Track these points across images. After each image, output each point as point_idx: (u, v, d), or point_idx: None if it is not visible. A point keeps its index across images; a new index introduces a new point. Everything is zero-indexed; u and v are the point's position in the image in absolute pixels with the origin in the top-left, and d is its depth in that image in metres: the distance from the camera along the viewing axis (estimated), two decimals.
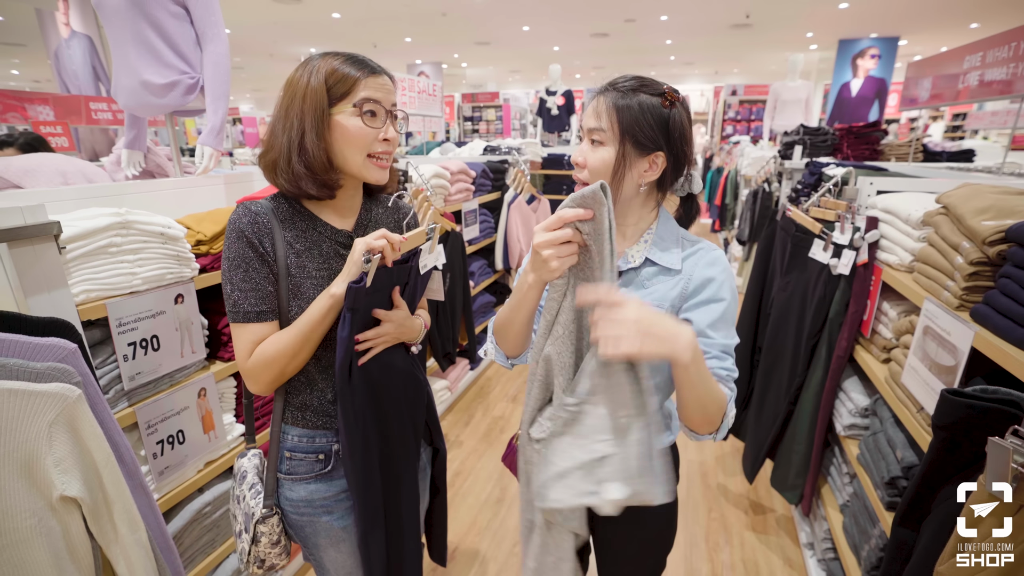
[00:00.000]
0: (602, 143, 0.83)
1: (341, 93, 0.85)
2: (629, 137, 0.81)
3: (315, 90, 0.84)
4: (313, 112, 0.84)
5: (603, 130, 0.82)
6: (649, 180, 0.85)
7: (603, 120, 0.82)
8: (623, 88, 0.83)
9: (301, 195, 0.89)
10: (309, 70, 0.85)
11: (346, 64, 0.85)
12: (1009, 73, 2.07)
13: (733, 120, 9.77)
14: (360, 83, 0.85)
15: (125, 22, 1.52)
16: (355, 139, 0.86)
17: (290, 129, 0.85)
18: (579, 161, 0.86)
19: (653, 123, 0.82)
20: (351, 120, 0.85)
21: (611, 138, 0.82)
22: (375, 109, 0.86)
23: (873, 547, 1.30)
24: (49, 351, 0.80)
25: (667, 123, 0.82)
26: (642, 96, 0.82)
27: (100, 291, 1.09)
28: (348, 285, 0.82)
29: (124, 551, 0.86)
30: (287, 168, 0.86)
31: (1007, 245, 0.97)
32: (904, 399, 1.22)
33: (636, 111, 0.81)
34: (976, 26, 7.79)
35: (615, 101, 0.82)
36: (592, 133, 0.84)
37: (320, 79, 0.84)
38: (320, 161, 0.86)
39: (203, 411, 1.34)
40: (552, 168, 4.80)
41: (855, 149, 2.84)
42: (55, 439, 0.77)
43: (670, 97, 0.82)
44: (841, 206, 1.64)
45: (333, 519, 0.97)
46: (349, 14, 7.25)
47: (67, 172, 1.66)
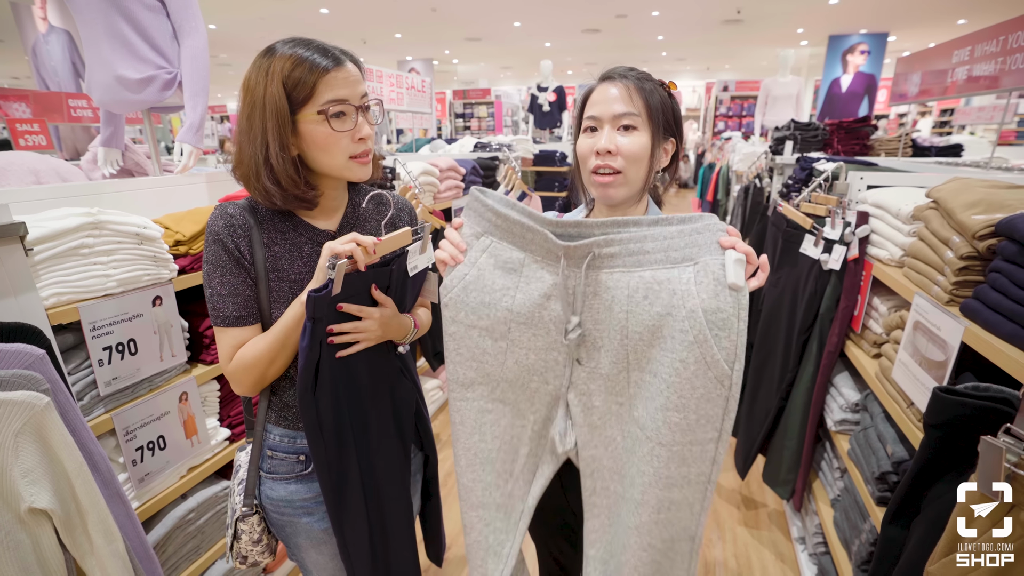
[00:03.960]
0: (635, 128, 0.82)
1: (302, 98, 0.79)
2: (658, 122, 0.82)
3: (274, 97, 0.77)
4: (275, 122, 0.78)
5: (636, 114, 0.81)
6: (663, 166, 0.87)
7: (636, 104, 0.81)
8: (637, 76, 0.83)
9: (280, 208, 0.86)
10: (265, 71, 0.78)
11: (303, 60, 0.78)
12: (996, 68, 2.07)
13: (725, 116, 9.81)
14: (320, 83, 0.79)
15: (97, 15, 1.48)
16: (329, 145, 0.82)
17: (255, 141, 0.80)
18: (611, 148, 0.81)
19: (671, 110, 0.84)
20: (318, 128, 0.80)
21: (644, 123, 0.81)
22: (343, 110, 0.81)
23: (864, 542, 1.30)
24: (14, 358, 0.77)
25: (675, 110, 0.85)
26: (653, 83, 0.83)
27: (72, 294, 1.05)
28: (308, 293, 0.78)
29: (100, 562, 0.84)
30: (258, 184, 0.82)
31: (997, 239, 0.96)
32: (894, 394, 1.22)
33: (658, 96, 0.82)
34: (963, 22, 7.86)
35: (640, 85, 0.82)
36: (624, 118, 0.81)
37: (278, 84, 0.77)
38: (288, 176, 0.81)
39: (185, 415, 1.31)
40: (543, 165, 4.77)
41: (845, 144, 2.84)
42: (22, 449, 0.74)
43: (670, 87, 0.84)
44: (832, 201, 1.63)
45: (313, 520, 0.96)
46: (338, 9, 7.17)
47: (39, 171, 1.61)
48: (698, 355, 0.67)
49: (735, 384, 0.68)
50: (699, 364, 0.67)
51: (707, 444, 0.71)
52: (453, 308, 0.78)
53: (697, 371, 0.68)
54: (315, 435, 0.85)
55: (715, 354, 0.67)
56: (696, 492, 0.73)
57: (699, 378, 0.68)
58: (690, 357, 0.68)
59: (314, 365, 0.82)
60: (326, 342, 0.83)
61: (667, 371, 0.69)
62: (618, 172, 0.83)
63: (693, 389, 0.68)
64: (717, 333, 0.67)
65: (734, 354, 0.67)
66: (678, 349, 0.68)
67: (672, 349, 0.69)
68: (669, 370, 0.69)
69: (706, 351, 0.67)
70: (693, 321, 0.67)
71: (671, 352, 0.69)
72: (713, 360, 0.67)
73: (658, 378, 0.71)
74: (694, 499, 0.73)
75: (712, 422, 0.70)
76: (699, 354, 0.67)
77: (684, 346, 0.68)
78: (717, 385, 0.68)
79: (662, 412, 0.70)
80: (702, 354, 0.67)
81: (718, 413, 0.70)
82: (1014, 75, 1.97)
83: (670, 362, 0.69)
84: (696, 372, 0.68)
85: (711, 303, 0.66)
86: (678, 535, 0.75)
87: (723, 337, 0.67)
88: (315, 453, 0.86)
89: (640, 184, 0.86)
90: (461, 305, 0.77)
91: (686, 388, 0.68)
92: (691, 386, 0.68)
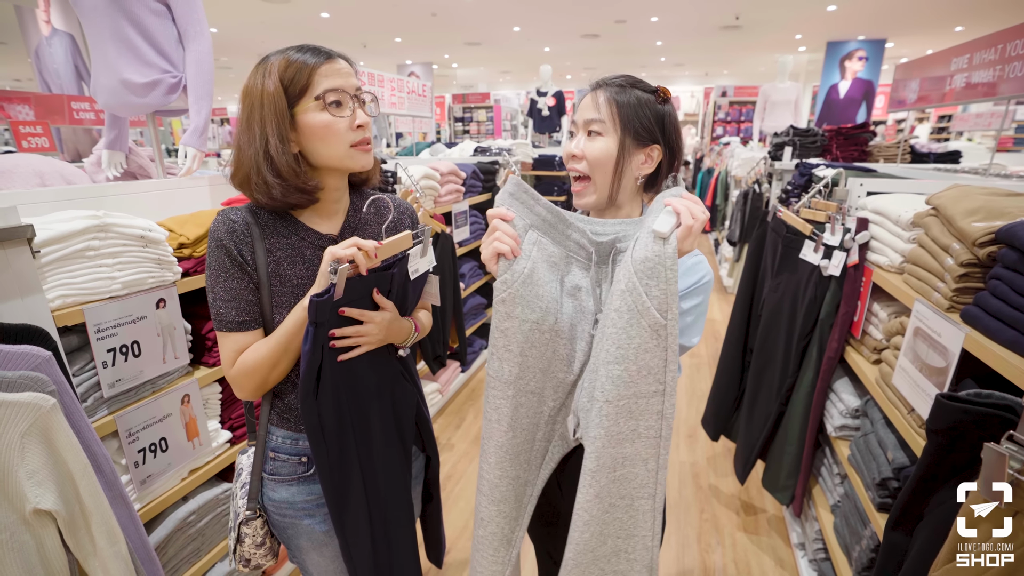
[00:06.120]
0: (600, 134, 0.84)
1: (299, 89, 0.81)
2: (629, 128, 0.83)
3: (271, 93, 0.80)
4: (274, 116, 0.80)
5: (602, 121, 0.84)
6: (646, 172, 0.87)
7: (602, 111, 0.84)
8: (618, 84, 0.85)
9: (281, 206, 0.86)
10: (262, 73, 0.81)
11: (297, 57, 0.81)
12: (995, 75, 2.09)
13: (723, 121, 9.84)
14: (316, 74, 0.81)
15: (104, 19, 1.48)
16: (329, 134, 0.83)
17: (254, 140, 0.81)
18: (576, 153, 0.86)
19: (650, 116, 0.84)
20: (318, 116, 0.82)
21: (611, 129, 0.84)
22: (339, 98, 0.82)
23: (864, 548, 1.30)
24: (21, 359, 0.78)
25: (663, 117, 0.85)
26: (638, 91, 0.85)
27: (77, 296, 1.06)
28: (311, 298, 0.78)
29: (103, 564, 0.84)
30: (259, 181, 0.82)
31: (997, 247, 0.97)
32: (895, 400, 1.22)
33: (634, 104, 0.84)
34: (961, 29, 7.91)
35: (614, 95, 0.84)
36: (590, 124, 0.85)
37: (275, 80, 0.80)
38: (289, 167, 0.82)
39: (187, 418, 1.31)
40: (543, 169, 4.79)
41: (844, 150, 2.86)
42: (28, 450, 0.74)
43: (663, 94, 0.85)
44: (831, 207, 1.64)
45: (315, 523, 0.96)
46: (338, 13, 7.20)
47: (44, 173, 1.61)
48: (630, 303, 0.70)
49: (671, 335, 0.70)
50: (632, 313, 0.70)
51: (652, 397, 0.73)
52: (510, 303, 0.78)
53: (631, 320, 0.70)
54: (317, 438, 0.85)
55: (645, 302, 0.69)
56: (648, 447, 0.75)
57: (633, 327, 0.70)
58: (623, 306, 0.70)
59: (316, 369, 0.82)
60: (328, 346, 0.83)
61: (608, 325, 0.72)
62: (587, 177, 0.86)
63: (629, 339, 0.70)
64: (646, 281, 0.69)
65: (666, 303, 0.69)
66: (614, 300, 0.71)
67: (611, 302, 0.72)
68: (608, 323, 0.72)
69: (636, 299, 0.69)
70: (625, 271, 0.71)
71: (610, 305, 0.72)
72: (644, 308, 0.69)
73: (603, 335, 0.74)
74: (647, 455, 0.76)
75: (654, 373, 0.72)
76: (631, 302, 0.70)
77: (618, 295, 0.71)
78: (652, 335, 0.70)
79: (604, 367, 0.72)
80: (633, 302, 0.70)
81: (658, 364, 0.72)
82: (1012, 83, 1.98)
83: (608, 315, 0.72)
84: (630, 321, 0.70)
85: (640, 253, 0.69)
86: (636, 492, 0.77)
87: (652, 286, 0.69)
88: (317, 456, 0.86)
89: (608, 191, 0.86)
90: (519, 300, 0.77)
91: (623, 338, 0.71)
92: (627, 336, 0.70)
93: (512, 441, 0.84)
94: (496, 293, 0.79)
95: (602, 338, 0.74)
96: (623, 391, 0.72)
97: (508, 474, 0.85)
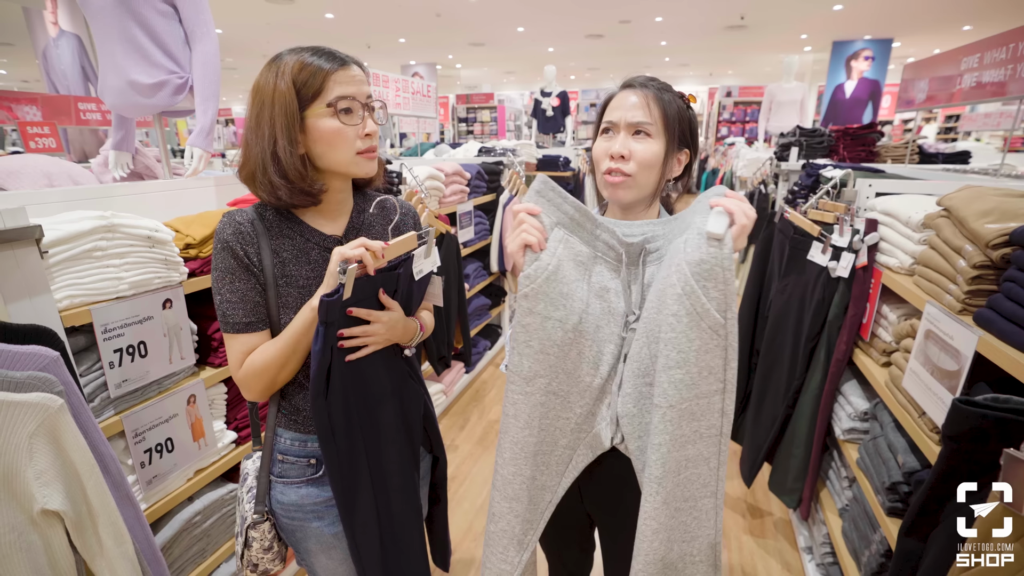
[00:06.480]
0: (649, 135, 0.84)
1: (312, 93, 0.81)
2: (673, 132, 0.84)
3: (283, 94, 0.79)
4: (284, 117, 0.80)
5: (652, 123, 0.84)
6: (675, 175, 0.89)
7: (653, 113, 0.84)
8: (658, 87, 0.86)
9: (284, 205, 0.86)
10: (275, 72, 0.80)
11: (312, 61, 0.80)
12: (1005, 75, 2.07)
13: (728, 121, 9.81)
14: (330, 79, 0.81)
15: (111, 20, 1.49)
16: (337, 141, 0.83)
17: (262, 139, 0.81)
18: (624, 153, 0.84)
19: (687, 121, 0.86)
20: (328, 122, 0.82)
21: (659, 131, 0.84)
22: (350, 106, 0.82)
23: (874, 553, 1.29)
24: (30, 359, 0.78)
25: (691, 122, 0.87)
26: (673, 96, 0.86)
27: (84, 297, 1.06)
28: (320, 298, 0.79)
29: (110, 564, 0.84)
30: (264, 180, 0.83)
31: (1011, 248, 0.95)
32: (905, 403, 1.21)
33: (676, 108, 0.85)
34: (969, 28, 7.85)
35: (659, 95, 0.85)
36: (639, 126, 0.84)
37: (287, 81, 0.79)
38: (295, 169, 0.82)
39: (192, 418, 1.31)
40: (547, 169, 4.77)
41: (851, 151, 2.84)
42: (36, 451, 0.74)
43: (690, 100, 0.87)
44: (840, 208, 1.63)
45: (324, 525, 0.95)
46: (342, 14, 7.21)
47: (52, 174, 1.62)
48: (688, 307, 0.70)
49: (731, 333, 0.71)
50: (691, 316, 0.70)
51: (713, 396, 0.73)
52: (533, 299, 0.78)
53: (691, 323, 0.70)
54: (327, 439, 0.85)
55: (704, 304, 0.69)
56: (710, 446, 0.75)
57: (693, 330, 0.70)
58: (681, 310, 0.70)
59: (326, 369, 0.82)
60: (336, 346, 0.83)
61: (665, 330, 0.72)
62: (628, 176, 0.85)
63: (690, 342, 0.70)
64: (704, 284, 0.69)
65: (725, 303, 0.69)
66: (670, 304, 0.71)
67: (667, 307, 0.72)
68: (666, 328, 0.72)
69: (695, 302, 0.69)
70: (680, 275, 0.70)
71: (666, 310, 0.72)
72: (704, 310, 0.69)
73: (660, 342, 0.73)
74: (709, 453, 0.76)
75: (714, 373, 0.72)
76: (689, 306, 0.70)
77: (674, 300, 0.70)
78: (712, 335, 0.70)
79: (665, 372, 0.72)
80: (692, 305, 0.69)
81: (719, 363, 0.72)
82: (1022, 82, 1.96)
83: (665, 319, 0.72)
84: (690, 324, 0.70)
85: (694, 255, 0.69)
86: (699, 492, 0.77)
87: (711, 287, 0.69)
88: (327, 456, 0.86)
89: (649, 190, 0.87)
90: (542, 296, 0.77)
91: (683, 342, 0.70)
92: (687, 339, 0.70)
93: (528, 439, 0.83)
94: (520, 288, 0.79)
95: (655, 343, 0.74)
96: (685, 394, 0.72)
97: (522, 472, 0.84)
